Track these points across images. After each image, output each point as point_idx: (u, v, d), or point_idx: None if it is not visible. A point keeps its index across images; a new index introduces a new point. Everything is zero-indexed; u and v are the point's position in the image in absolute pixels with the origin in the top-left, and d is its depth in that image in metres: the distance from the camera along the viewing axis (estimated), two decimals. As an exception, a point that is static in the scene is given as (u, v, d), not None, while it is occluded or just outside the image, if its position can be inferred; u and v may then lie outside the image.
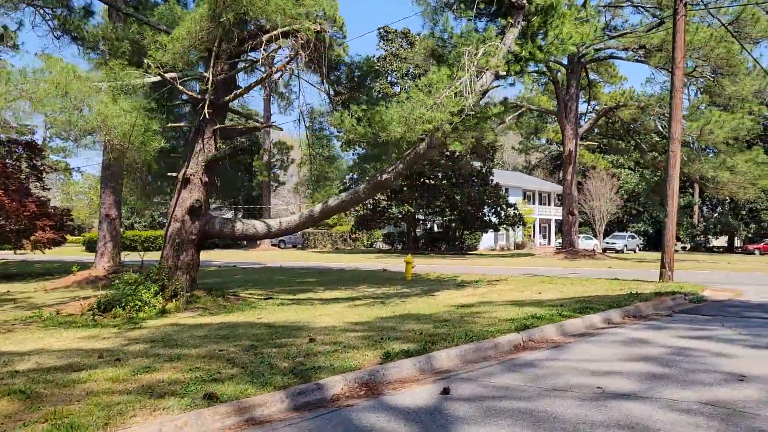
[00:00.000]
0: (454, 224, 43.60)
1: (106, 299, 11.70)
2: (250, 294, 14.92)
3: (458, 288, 15.32)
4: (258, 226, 13.87)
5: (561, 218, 66.64)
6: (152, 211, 57.76)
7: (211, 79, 12.17)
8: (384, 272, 21.71)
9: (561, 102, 33.33)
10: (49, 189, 27.47)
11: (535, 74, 34.98)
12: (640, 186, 62.34)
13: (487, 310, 9.96)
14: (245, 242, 59.74)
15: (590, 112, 39.81)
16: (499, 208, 42.79)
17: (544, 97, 42.19)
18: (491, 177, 43.87)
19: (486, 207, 43.35)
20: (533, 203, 60.55)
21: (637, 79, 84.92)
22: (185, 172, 12.99)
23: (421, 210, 43.23)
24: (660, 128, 30.23)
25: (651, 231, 65.23)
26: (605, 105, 33.62)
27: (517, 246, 53.45)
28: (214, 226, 13.34)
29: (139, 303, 11.52)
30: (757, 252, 58.16)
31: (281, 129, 16.09)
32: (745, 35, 29.38)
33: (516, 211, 43.79)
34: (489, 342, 6.97)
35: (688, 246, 66.12)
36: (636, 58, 31.30)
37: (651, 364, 6.05)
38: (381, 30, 46.56)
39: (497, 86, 13.31)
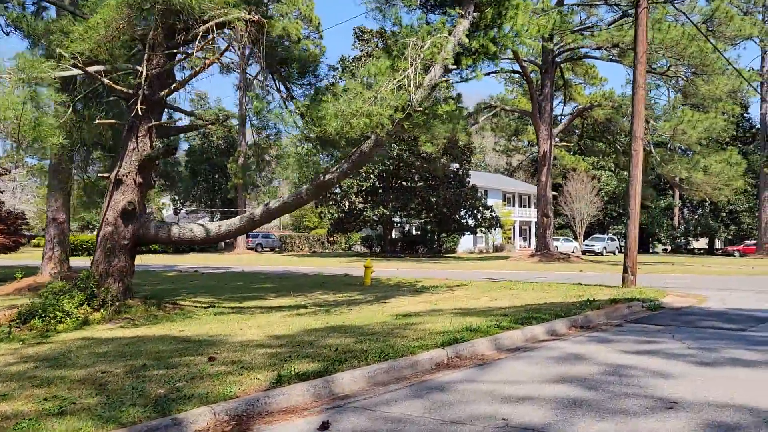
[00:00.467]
0: (429, 227, 42.92)
1: (27, 310, 10.86)
2: (194, 302, 14.09)
3: (414, 294, 14.59)
4: (196, 230, 13.07)
5: (542, 220, 66.37)
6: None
7: (145, 73, 11.39)
8: (346, 277, 20.97)
9: (535, 102, 32.76)
10: (2, 191, 26.38)
11: (510, 73, 34.45)
12: (620, 188, 62.08)
13: (427, 320, 9.24)
14: (222, 245, 58.62)
15: (568, 114, 39.34)
16: (475, 211, 42.17)
17: (524, 99, 41.80)
18: (468, 179, 43.25)
19: (463, 209, 42.72)
20: (513, 205, 60.09)
21: (620, 80, 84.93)
22: (118, 172, 12.17)
23: (397, 213, 42.51)
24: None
25: (631, 233, 64.98)
26: (580, 106, 33.13)
27: (496, 249, 52.91)
28: (149, 231, 12.50)
29: (60, 314, 10.67)
30: (736, 254, 58.06)
31: (227, 128, 15.20)
32: (720, 34, 29.01)
33: (493, 214, 43.19)
34: (406, 360, 6.24)
35: (669, 248, 66.01)
36: (610, 57, 30.81)
37: (577, 386, 5.35)
38: (356, 30, 45.81)
39: (446, 80, 12.58)
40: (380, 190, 41.95)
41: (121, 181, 12.14)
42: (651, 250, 65.66)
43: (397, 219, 45.43)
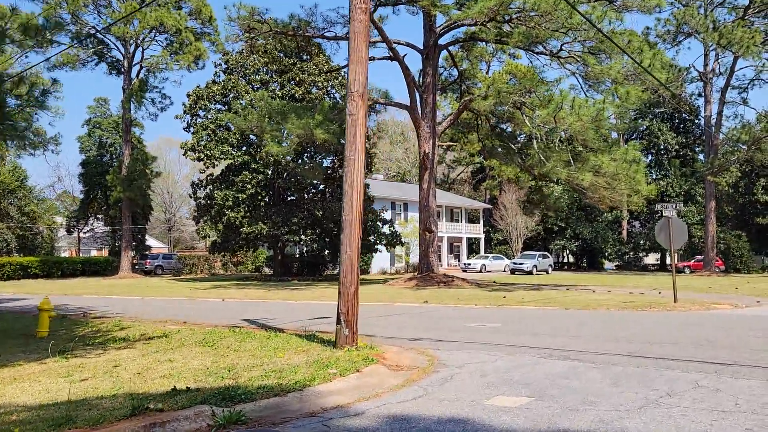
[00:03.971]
0: (315, 245, 37.00)
1: None
2: None
3: (45, 359, 8.63)
4: None
5: (478, 236, 60.67)
6: (26, 232, 50.12)
7: None
8: (62, 319, 14.99)
9: (413, 93, 27.15)
10: None
11: (387, 60, 28.78)
12: (561, 200, 56.58)
13: None
14: (110, 269, 51.35)
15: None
16: (371, 225, 36.37)
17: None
18: (367, 189, 37.46)
19: (365, 225, 36.86)
20: (442, 220, 54.46)
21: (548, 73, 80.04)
22: None
23: (281, 228, 36.49)
24: (526, 122, 24.23)
25: (575, 249, 59.60)
26: (466, 98, 27.58)
27: (415, 268, 47.05)
28: None
29: None
30: (687, 270, 52.94)
31: None
32: (621, 6, 23.75)
33: (392, 229, 37.40)
34: None
35: (620, 264, 60.67)
36: (497, 38, 25.34)
37: None
38: None
39: None
40: (262, 204, 36.04)
41: None
42: (603, 267, 60.35)
43: (296, 237, 39.38)
